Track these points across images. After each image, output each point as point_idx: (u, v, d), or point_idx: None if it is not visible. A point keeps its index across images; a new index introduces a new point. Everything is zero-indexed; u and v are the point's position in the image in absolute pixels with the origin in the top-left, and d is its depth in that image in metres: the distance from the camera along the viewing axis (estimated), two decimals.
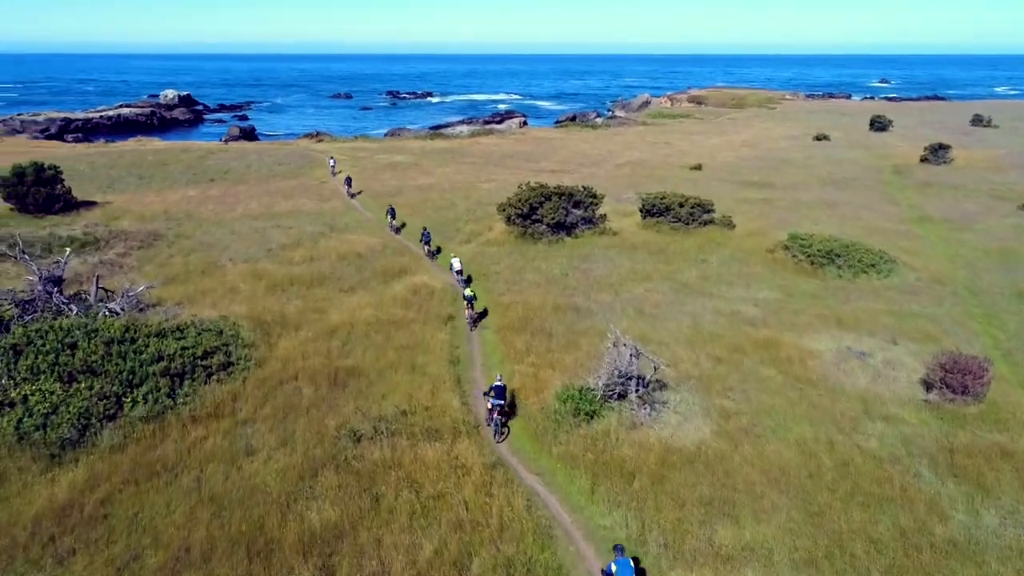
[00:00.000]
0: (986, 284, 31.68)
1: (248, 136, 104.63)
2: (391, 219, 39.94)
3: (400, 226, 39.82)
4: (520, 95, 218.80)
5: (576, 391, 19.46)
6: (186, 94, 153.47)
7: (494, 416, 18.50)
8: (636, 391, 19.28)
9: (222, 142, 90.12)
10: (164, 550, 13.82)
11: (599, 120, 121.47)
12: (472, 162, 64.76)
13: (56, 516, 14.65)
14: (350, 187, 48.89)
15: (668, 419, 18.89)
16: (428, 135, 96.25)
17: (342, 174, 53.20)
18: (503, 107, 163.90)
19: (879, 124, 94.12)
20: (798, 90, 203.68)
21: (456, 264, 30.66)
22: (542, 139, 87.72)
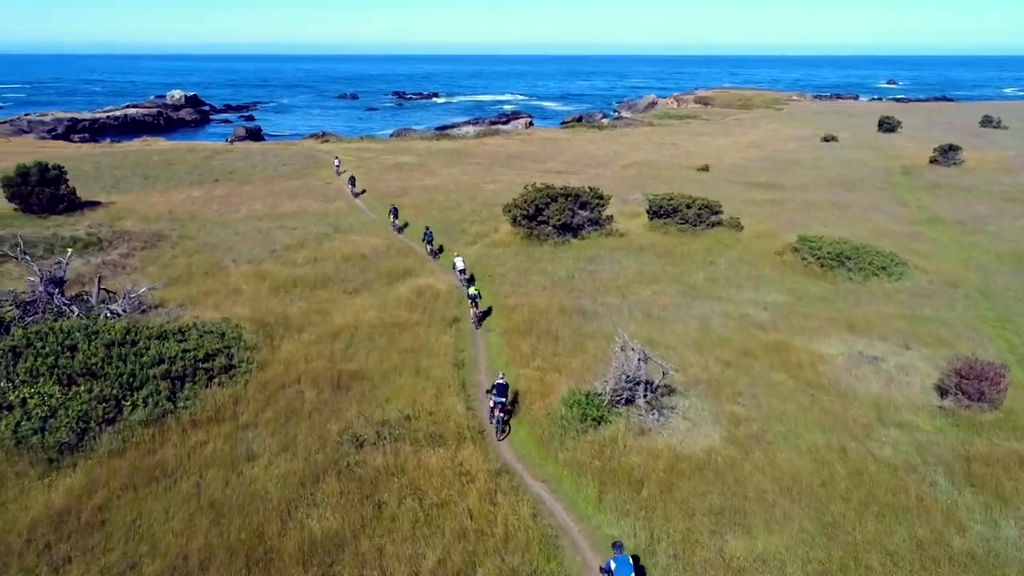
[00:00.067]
0: (999, 287, 31.17)
1: (254, 136, 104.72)
2: (393, 219, 39.72)
3: (403, 226, 39.59)
4: (526, 96, 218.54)
5: (583, 396, 19.09)
6: (193, 95, 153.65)
7: (496, 414, 18.53)
8: (644, 396, 18.92)
9: (228, 142, 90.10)
10: (161, 558, 13.51)
11: (605, 121, 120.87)
12: (478, 163, 64.44)
13: (53, 522, 14.37)
14: (353, 186, 48.76)
15: (677, 425, 18.51)
16: (434, 136, 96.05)
17: (346, 174, 52.98)
18: (509, 108, 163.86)
19: (887, 125, 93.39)
20: (805, 91, 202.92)
21: (459, 263, 30.37)
22: (548, 140, 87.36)
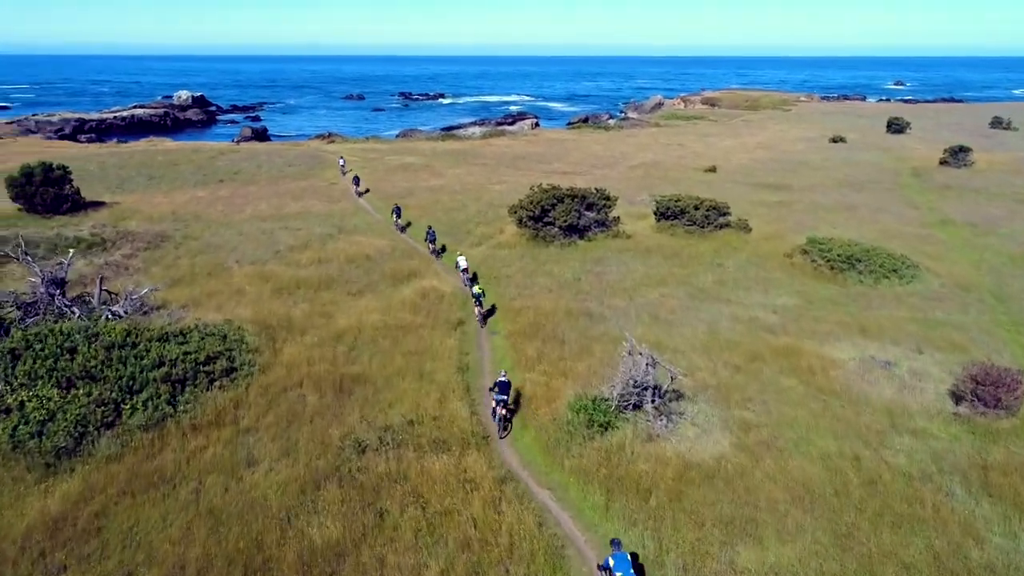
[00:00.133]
0: (1014, 291, 30.63)
1: (260, 137, 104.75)
2: (396, 218, 39.55)
3: (405, 225, 39.41)
4: (532, 97, 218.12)
5: (589, 401, 18.73)
6: (199, 95, 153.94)
7: (498, 412, 18.40)
8: (652, 401, 18.53)
9: (234, 143, 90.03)
10: (158, 567, 13.19)
11: (611, 122, 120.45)
12: (484, 163, 64.13)
13: (48, 529, 14.07)
14: (358, 186, 48.64)
15: (685, 431, 18.10)
16: (440, 136, 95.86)
17: (351, 173, 52.81)
18: (515, 108, 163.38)
19: (896, 126, 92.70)
20: (812, 92, 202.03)
21: (462, 263, 30.08)
22: (554, 140, 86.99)
